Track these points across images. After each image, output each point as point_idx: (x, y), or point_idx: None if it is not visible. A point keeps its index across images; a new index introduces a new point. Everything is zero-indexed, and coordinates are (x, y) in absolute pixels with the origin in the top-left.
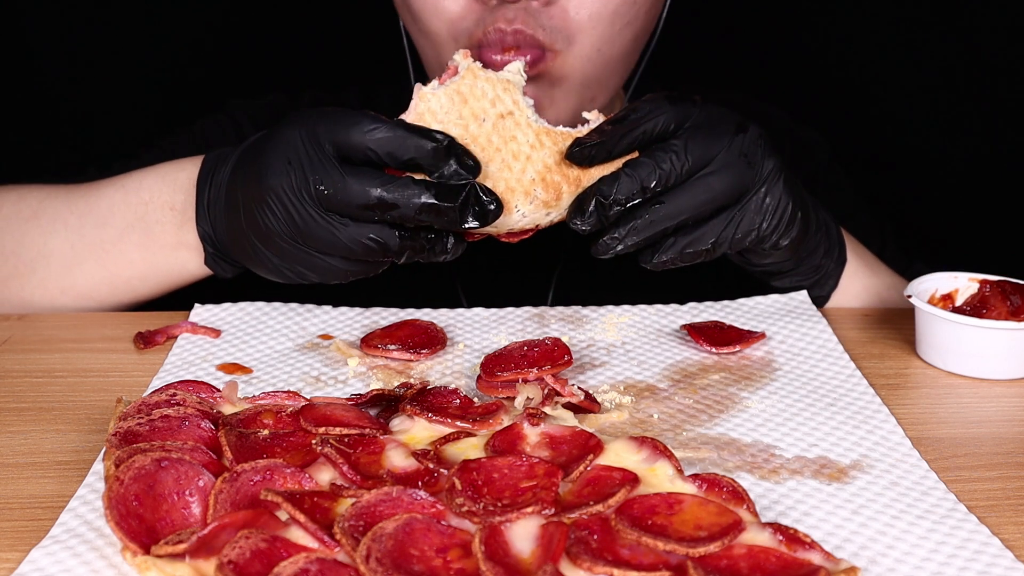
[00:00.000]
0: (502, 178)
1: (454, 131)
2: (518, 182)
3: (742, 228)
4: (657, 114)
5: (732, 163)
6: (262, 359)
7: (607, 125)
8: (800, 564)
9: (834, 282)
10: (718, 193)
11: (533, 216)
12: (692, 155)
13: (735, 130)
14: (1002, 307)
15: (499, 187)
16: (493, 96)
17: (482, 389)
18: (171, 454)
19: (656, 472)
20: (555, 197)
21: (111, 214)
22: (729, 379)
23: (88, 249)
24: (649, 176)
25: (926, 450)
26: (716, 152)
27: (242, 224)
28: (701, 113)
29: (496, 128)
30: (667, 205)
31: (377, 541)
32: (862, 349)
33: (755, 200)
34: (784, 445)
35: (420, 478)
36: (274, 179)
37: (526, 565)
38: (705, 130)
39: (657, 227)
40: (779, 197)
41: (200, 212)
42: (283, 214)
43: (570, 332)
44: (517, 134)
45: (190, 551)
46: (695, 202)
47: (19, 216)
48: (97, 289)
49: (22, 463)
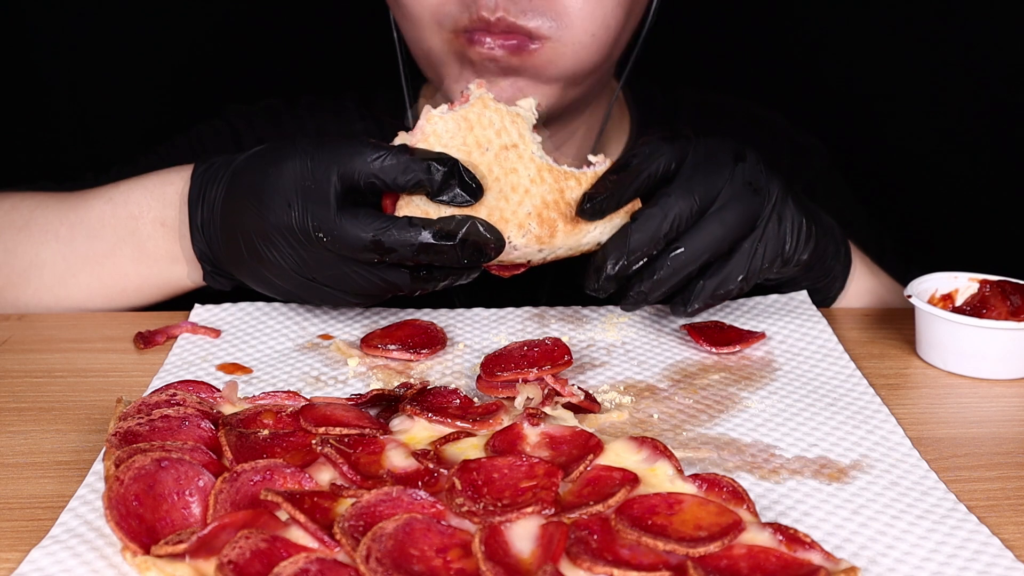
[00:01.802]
0: (497, 208)
1: (456, 156)
2: (513, 214)
3: (768, 256)
4: (657, 156)
5: (738, 194)
6: (262, 359)
7: (612, 174)
8: (800, 564)
9: (840, 284)
10: (732, 226)
11: (525, 251)
12: (698, 194)
13: (734, 160)
14: (1002, 307)
15: (493, 217)
16: (500, 127)
17: (482, 389)
18: (171, 454)
19: (656, 472)
20: (549, 235)
21: (101, 227)
22: (729, 379)
23: (81, 261)
24: (662, 224)
25: (926, 450)
26: (721, 185)
27: (243, 254)
28: (698, 148)
29: (498, 159)
30: (686, 250)
31: (377, 541)
32: (862, 349)
33: (771, 226)
34: (784, 445)
35: (420, 478)
36: (275, 219)
37: (526, 565)
38: (705, 166)
39: (680, 274)
40: (792, 217)
41: (194, 232)
42: (290, 252)
43: (570, 332)
44: (519, 167)
45: (190, 551)
46: (712, 240)
47: (11, 226)
48: (92, 299)
49: (22, 463)
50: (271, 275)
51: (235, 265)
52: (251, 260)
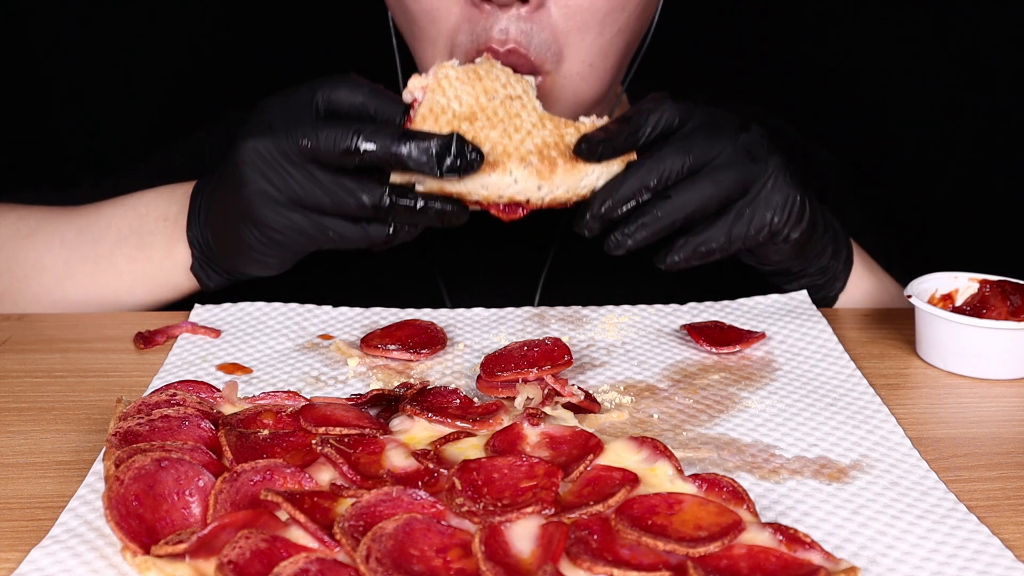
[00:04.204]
0: (501, 143)
1: (465, 100)
2: (516, 149)
3: (754, 224)
4: (660, 112)
5: (736, 158)
6: (262, 359)
7: (612, 124)
8: (800, 564)
9: (841, 284)
10: (724, 187)
11: (525, 184)
12: (694, 153)
13: (737, 129)
14: (1002, 307)
15: (496, 150)
16: (505, 81)
17: (482, 389)
18: (171, 454)
19: (656, 472)
20: (549, 170)
21: (108, 228)
22: (729, 379)
23: (80, 263)
24: (651, 174)
25: (926, 450)
26: (719, 150)
27: (231, 207)
28: (704, 113)
29: (504, 104)
30: (673, 200)
31: (377, 541)
32: (862, 349)
33: (763, 194)
34: (784, 445)
35: (420, 478)
36: (258, 136)
37: (526, 565)
38: (707, 128)
39: (665, 221)
40: (787, 191)
41: (192, 218)
42: (275, 174)
43: (570, 332)
44: (522, 114)
45: (190, 551)
46: (701, 196)
47: (17, 235)
48: (87, 302)
49: (22, 463)
50: (259, 214)
51: (225, 228)
52: (237, 206)
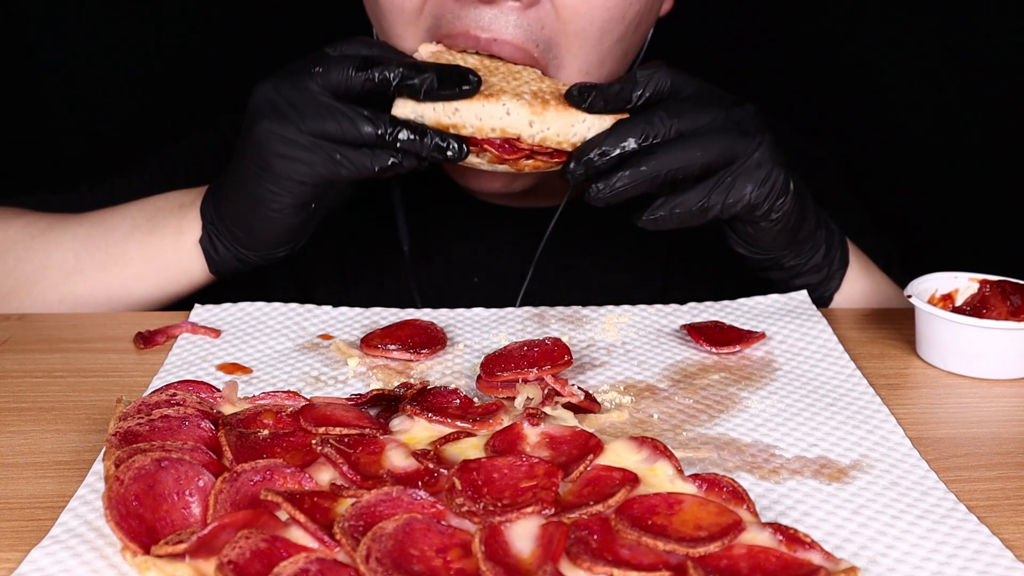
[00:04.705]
0: (499, 84)
1: (471, 61)
2: (512, 89)
3: (733, 193)
4: (656, 77)
5: (725, 128)
6: (262, 359)
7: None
8: (800, 564)
9: (836, 284)
10: (709, 152)
11: (517, 116)
12: (684, 118)
13: (731, 104)
14: (1002, 307)
15: (494, 88)
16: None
17: (482, 389)
18: (171, 454)
19: (656, 472)
20: (541, 107)
21: (122, 220)
22: (729, 379)
23: (90, 255)
24: (638, 127)
25: (926, 450)
26: (710, 118)
27: (243, 145)
28: (699, 83)
29: (507, 66)
30: (658, 156)
31: (377, 541)
32: (862, 349)
33: (746, 167)
34: (784, 445)
35: (420, 478)
36: (266, 83)
37: (526, 565)
38: (699, 99)
39: (647, 174)
40: (771, 167)
41: (207, 196)
42: (288, 108)
43: (570, 332)
44: (523, 73)
45: (190, 551)
46: (686, 156)
47: (28, 236)
48: (94, 296)
49: (22, 463)
50: (270, 147)
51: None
52: (250, 143)
